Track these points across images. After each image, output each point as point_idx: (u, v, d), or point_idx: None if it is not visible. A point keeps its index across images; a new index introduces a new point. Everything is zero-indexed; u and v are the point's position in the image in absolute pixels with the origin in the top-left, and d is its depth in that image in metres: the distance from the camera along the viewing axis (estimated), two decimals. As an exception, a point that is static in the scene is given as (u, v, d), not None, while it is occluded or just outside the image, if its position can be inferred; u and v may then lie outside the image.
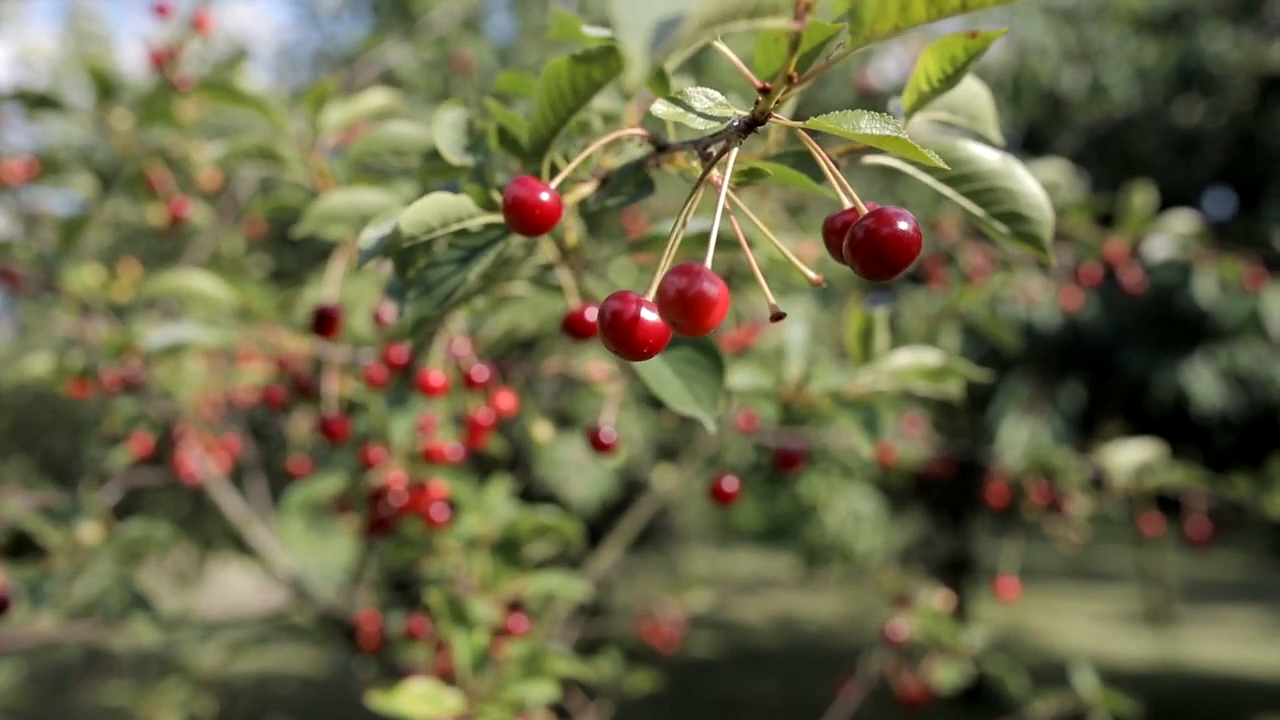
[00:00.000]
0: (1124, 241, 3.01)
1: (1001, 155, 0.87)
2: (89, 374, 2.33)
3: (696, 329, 0.63)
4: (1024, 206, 0.90)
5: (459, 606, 1.75)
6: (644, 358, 0.68)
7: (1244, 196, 8.87)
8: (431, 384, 1.60)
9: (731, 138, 0.71)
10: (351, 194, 1.24)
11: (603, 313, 0.68)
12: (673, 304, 0.63)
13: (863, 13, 0.60)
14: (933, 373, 1.42)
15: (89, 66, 2.19)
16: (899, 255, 0.64)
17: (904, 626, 2.95)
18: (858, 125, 0.67)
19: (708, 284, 0.62)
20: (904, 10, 0.59)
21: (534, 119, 0.92)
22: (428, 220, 0.89)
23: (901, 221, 0.64)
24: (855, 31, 0.61)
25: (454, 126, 1.06)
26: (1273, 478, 2.81)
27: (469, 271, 0.92)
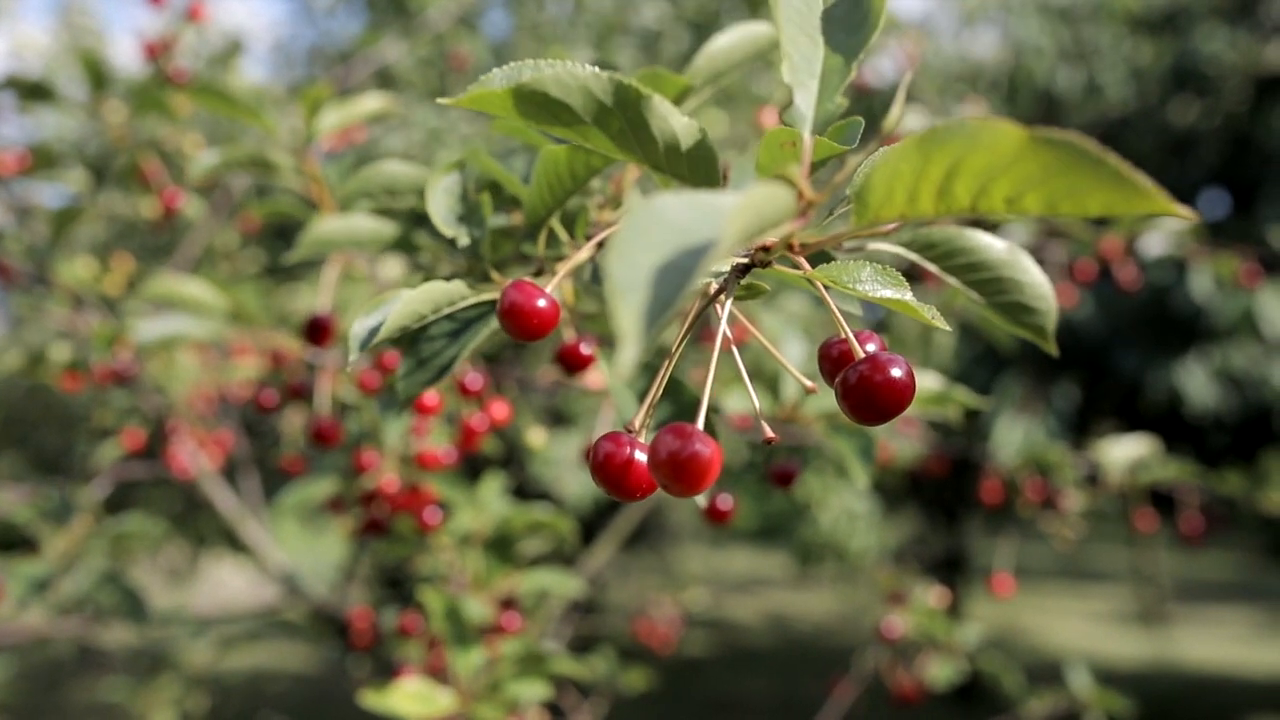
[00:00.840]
0: (1119, 238, 3.00)
1: (1008, 245, 0.87)
2: (80, 367, 2.31)
3: (687, 493, 0.61)
4: (1030, 298, 0.89)
5: (452, 604, 1.74)
6: (637, 500, 0.67)
7: (1239, 197, 8.88)
8: (425, 403, 1.60)
9: (728, 282, 0.70)
10: (346, 219, 1.24)
11: (596, 453, 0.66)
12: (664, 466, 0.61)
13: (869, 197, 0.59)
14: (932, 398, 1.42)
15: (82, 56, 2.18)
16: (890, 404, 0.64)
17: (899, 624, 2.94)
18: (859, 280, 0.68)
19: (700, 446, 0.60)
20: (911, 202, 0.58)
21: (531, 199, 0.92)
22: (420, 310, 0.88)
23: (894, 369, 0.63)
24: (860, 214, 0.61)
25: (448, 193, 1.06)
26: (1266, 473, 2.81)
27: (462, 347, 0.92)
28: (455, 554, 2.06)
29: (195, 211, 2.51)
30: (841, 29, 0.73)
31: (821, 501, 6.14)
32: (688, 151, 0.70)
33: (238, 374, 2.66)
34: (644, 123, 0.69)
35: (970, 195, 0.56)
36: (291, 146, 1.53)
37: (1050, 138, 0.50)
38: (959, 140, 0.53)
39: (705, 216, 0.49)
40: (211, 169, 1.51)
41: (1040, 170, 0.52)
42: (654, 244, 0.46)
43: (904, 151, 0.56)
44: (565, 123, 0.70)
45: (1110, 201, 0.51)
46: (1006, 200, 0.55)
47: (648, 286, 0.44)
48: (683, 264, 0.45)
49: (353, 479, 2.05)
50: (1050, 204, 0.53)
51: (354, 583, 3.73)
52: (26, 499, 2.06)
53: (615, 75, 0.67)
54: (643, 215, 0.47)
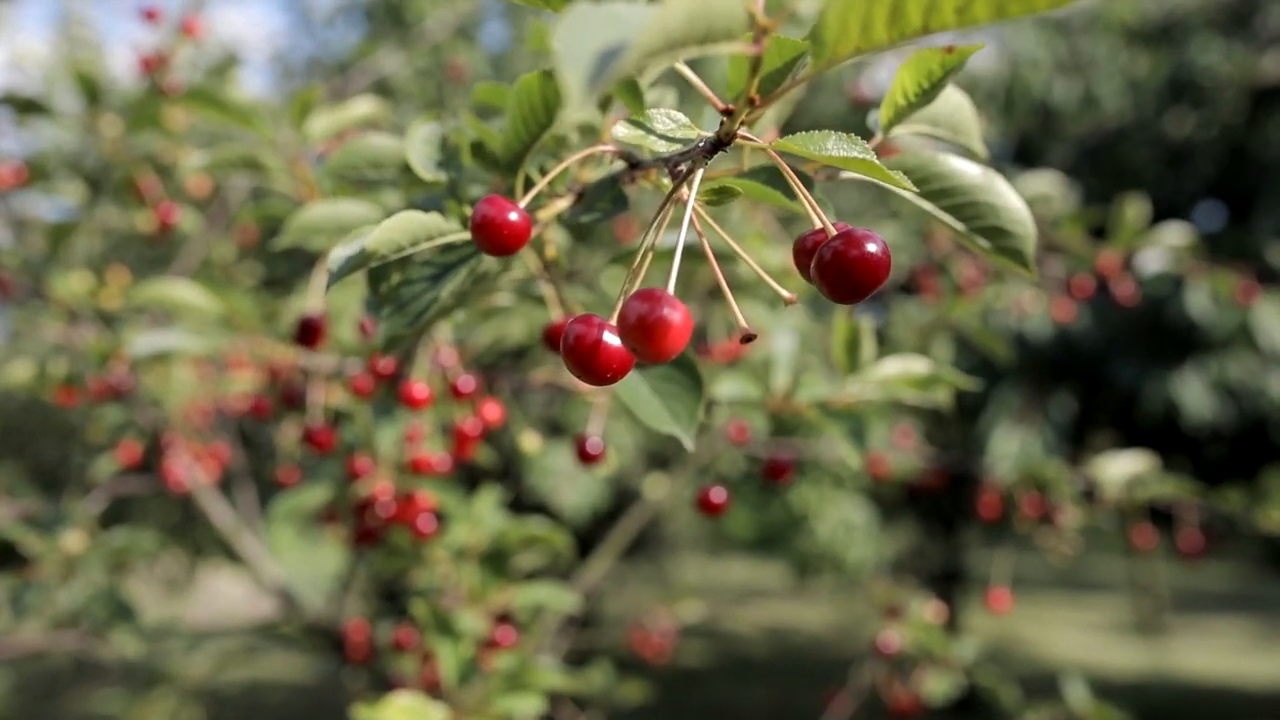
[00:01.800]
0: (1116, 254, 3.00)
1: (983, 169, 0.86)
2: (75, 381, 2.31)
3: (657, 356, 0.62)
4: (1006, 221, 0.89)
5: (445, 619, 1.74)
6: (608, 382, 0.67)
7: (1235, 209, 8.89)
8: (415, 396, 1.59)
9: (697, 158, 0.70)
10: (332, 206, 1.23)
11: (566, 336, 0.67)
12: (633, 330, 0.62)
13: (824, 34, 0.59)
14: (920, 381, 1.41)
15: (77, 71, 2.18)
16: (866, 278, 0.63)
17: (895, 638, 2.94)
18: (824, 146, 0.66)
19: (668, 309, 0.61)
20: (865, 32, 0.58)
21: (507, 134, 0.91)
22: (396, 239, 0.88)
23: (870, 244, 0.63)
24: (817, 54, 0.60)
25: (427, 142, 1.06)
26: (1266, 491, 2.81)
27: (441, 289, 0.91)
28: (451, 567, 2.06)
29: (191, 225, 2.51)
30: None
31: (819, 512, 6.14)
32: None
33: (233, 387, 2.66)
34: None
35: (921, 12, 0.55)
36: (284, 149, 1.53)
37: None
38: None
39: (651, 10, 0.49)
40: (203, 169, 1.51)
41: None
42: (600, 32, 0.47)
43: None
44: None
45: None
46: (956, 10, 0.54)
47: (591, 59, 0.45)
48: (624, 45, 0.46)
49: (346, 486, 2.04)
50: (998, 5, 0.53)
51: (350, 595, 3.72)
52: (22, 514, 2.06)
53: None
54: (591, 9, 0.48)
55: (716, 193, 0.78)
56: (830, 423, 1.33)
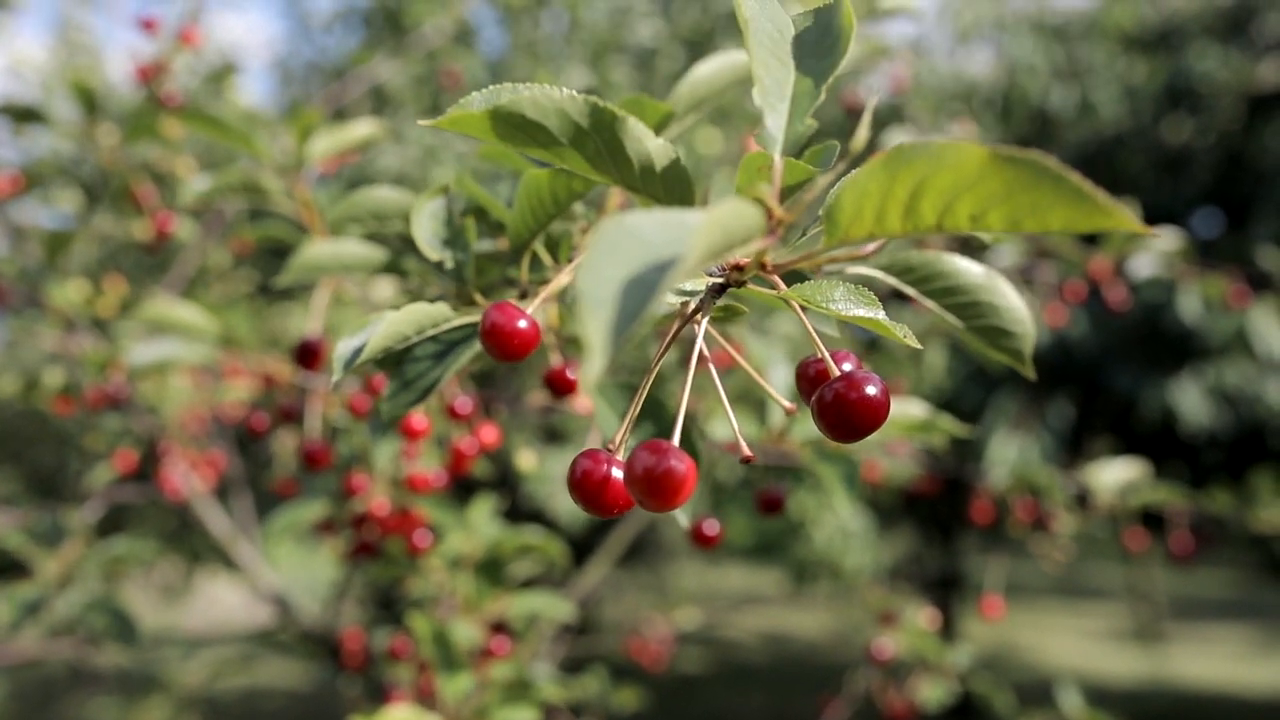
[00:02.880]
0: (1108, 259, 3.02)
1: (985, 269, 0.87)
2: (72, 390, 2.32)
3: (662, 508, 0.62)
4: (1007, 322, 0.90)
5: (440, 631, 1.75)
6: (612, 516, 0.68)
7: (1232, 215, 8.91)
8: (414, 427, 1.60)
9: (704, 301, 0.71)
10: (335, 245, 1.24)
11: (573, 471, 0.67)
12: (639, 483, 0.62)
13: (838, 217, 0.60)
14: (917, 426, 1.42)
15: (74, 82, 2.19)
16: (865, 421, 0.64)
17: (889, 645, 2.95)
18: (832, 298, 0.68)
19: (675, 462, 0.61)
20: (879, 221, 0.59)
21: (515, 222, 0.93)
22: (403, 331, 0.89)
23: (869, 387, 0.64)
24: (830, 233, 0.61)
25: (433, 217, 1.07)
26: (1254, 491, 2.82)
27: (446, 367, 0.92)
28: (446, 576, 2.07)
29: (188, 234, 2.52)
30: (811, 54, 0.74)
31: (816, 519, 6.14)
32: (662, 172, 0.71)
33: (230, 395, 2.66)
34: (619, 144, 0.70)
35: (936, 213, 0.56)
36: (283, 168, 1.54)
37: (1012, 156, 0.51)
38: (924, 160, 0.54)
39: (673, 233, 0.50)
40: (204, 194, 1.52)
41: (1003, 188, 0.52)
42: (622, 259, 0.47)
43: (871, 171, 0.56)
44: (542, 144, 0.70)
45: (1071, 218, 0.51)
46: (971, 218, 0.55)
47: (615, 300, 0.45)
48: (649, 279, 0.46)
49: (343, 501, 2.05)
50: (1013, 221, 0.54)
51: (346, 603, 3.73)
52: (18, 523, 2.06)
53: (591, 98, 0.68)
54: (613, 231, 0.48)
55: (724, 309, 0.80)
56: (823, 465, 1.34)
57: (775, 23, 0.75)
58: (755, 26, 0.73)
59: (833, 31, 0.74)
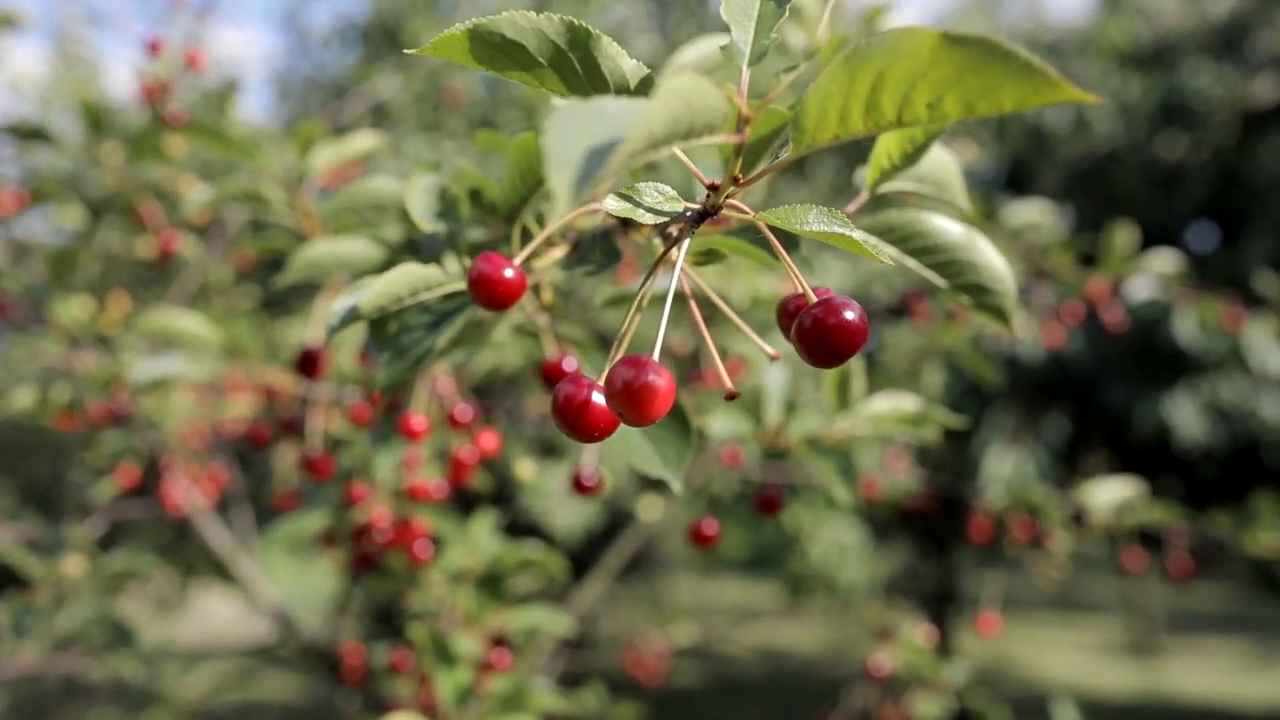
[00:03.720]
0: (1105, 281, 3.04)
1: (965, 228, 0.89)
2: (76, 406, 2.33)
3: (642, 420, 0.64)
4: (987, 279, 0.91)
5: (442, 642, 1.76)
6: (595, 440, 0.69)
7: (1227, 231, 8.95)
8: (414, 428, 1.62)
9: (684, 227, 0.73)
10: (334, 243, 1.26)
11: (555, 396, 0.69)
12: (619, 395, 0.64)
13: (804, 122, 0.62)
14: (910, 419, 1.44)
15: (81, 100, 2.21)
16: (843, 344, 0.66)
17: (886, 661, 2.96)
18: (806, 220, 0.69)
19: (653, 376, 0.63)
20: (843, 122, 0.61)
21: (504, 189, 0.95)
22: (396, 291, 0.90)
23: (847, 311, 0.65)
24: (797, 139, 0.63)
25: (427, 192, 1.09)
26: (1253, 514, 2.83)
27: (439, 336, 0.94)
28: (446, 590, 2.08)
29: (191, 252, 2.53)
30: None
31: (812, 533, 6.15)
32: (636, 89, 0.74)
33: (231, 410, 2.68)
34: (595, 63, 0.72)
35: (895, 106, 0.58)
36: (285, 181, 1.55)
37: (962, 36, 0.52)
38: (881, 53, 0.56)
39: (638, 109, 0.52)
40: (207, 204, 1.54)
41: (954, 71, 0.54)
42: (587, 130, 0.50)
43: (833, 73, 0.58)
44: (521, 64, 0.73)
45: (1022, 94, 0.52)
46: (928, 106, 0.57)
47: (580, 160, 0.48)
48: (610, 147, 0.49)
49: (344, 512, 2.06)
50: (967, 103, 0.55)
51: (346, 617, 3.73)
52: (23, 538, 2.08)
53: (567, 18, 0.70)
54: (579, 107, 0.51)
55: (704, 254, 0.81)
56: (820, 459, 1.36)
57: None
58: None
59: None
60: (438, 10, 6.40)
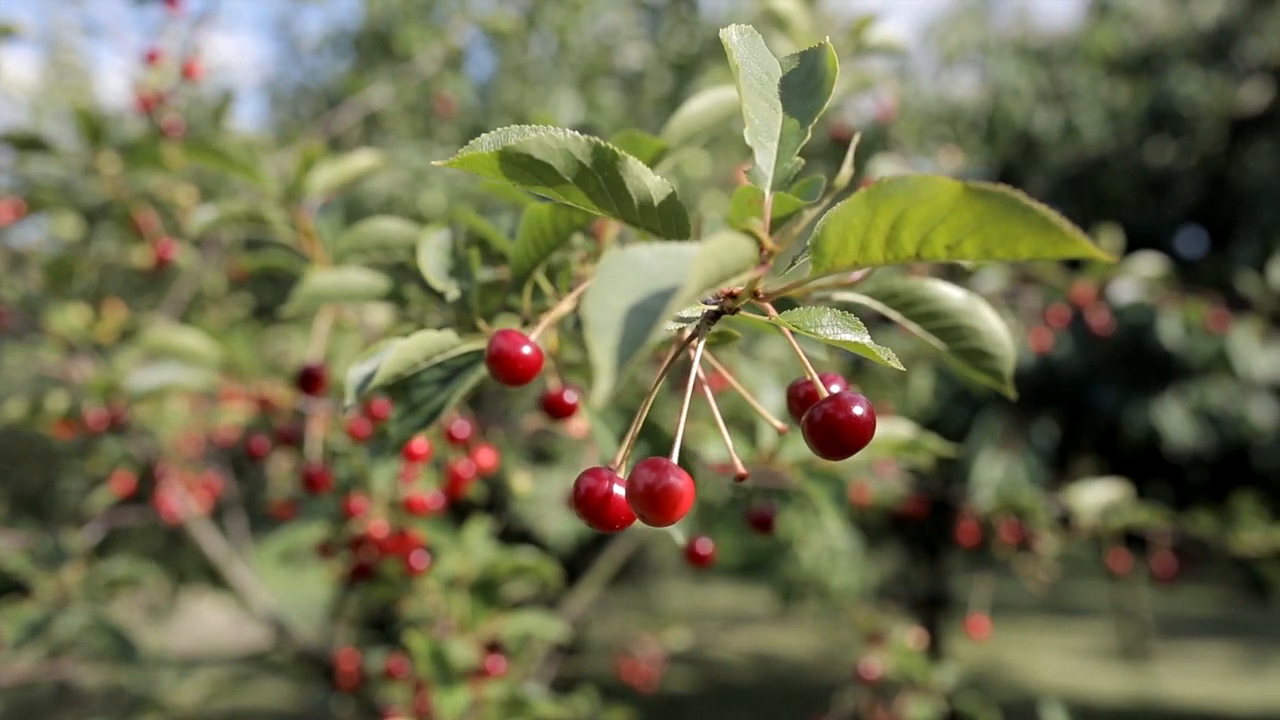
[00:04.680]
0: (1091, 284, 3.07)
1: (965, 294, 0.91)
2: (73, 415, 2.35)
3: (663, 522, 0.66)
4: (988, 344, 0.94)
5: (438, 649, 1.78)
6: (615, 531, 0.72)
7: (1215, 236, 8.99)
8: (415, 450, 1.64)
9: (700, 328, 0.75)
10: (339, 275, 1.28)
11: (577, 488, 0.71)
12: (640, 498, 0.66)
13: (824, 247, 0.64)
14: (904, 446, 1.47)
15: (78, 111, 2.23)
16: (852, 440, 0.68)
17: (876, 665, 2.98)
18: (820, 324, 0.72)
19: (674, 479, 0.65)
20: (863, 251, 0.63)
21: (517, 253, 0.97)
22: (412, 358, 0.93)
23: (856, 407, 0.68)
24: (817, 262, 0.66)
25: (439, 249, 1.11)
26: (1236, 514, 2.86)
27: (451, 393, 0.97)
28: (441, 597, 2.10)
29: (187, 261, 2.55)
30: (798, 95, 0.79)
31: (803, 539, 6.17)
32: (660, 207, 0.76)
33: (225, 418, 2.69)
34: (620, 182, 0.74)
35: (915, 243, 0.61)
36: (282, 195, 1.57)
37: (983, 190, 0.55)
38: (902, 194, 0.58)
39: (672, 264, 0.54)
40: (209, 225, 1.56)
41: (975, 219, 0.56)
42: (626, 289, 0.52)
43: (855, 205, 0.61)
44: (548, 182, 0.75)
45: (1038, 245, 0.55)
46: (947, 247, 0.60)
47: (620, 326, 0.50)
48: (652, 306, 0.51)
49: (342, 524, 2.08)
50: (985, 250, 0.58)
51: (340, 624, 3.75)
52: (22, 545, 2.09)
53: (594, 139, 0.72)
54: (616, 263, 0.53)
55: (718, 335, 0.83)
56: (812, 484, 1.38)
57: (764, 66, 0.80)
58: (745, 71, 0.78)
59: (817, 74, 0.79)
60: (430, 18, 6.42)
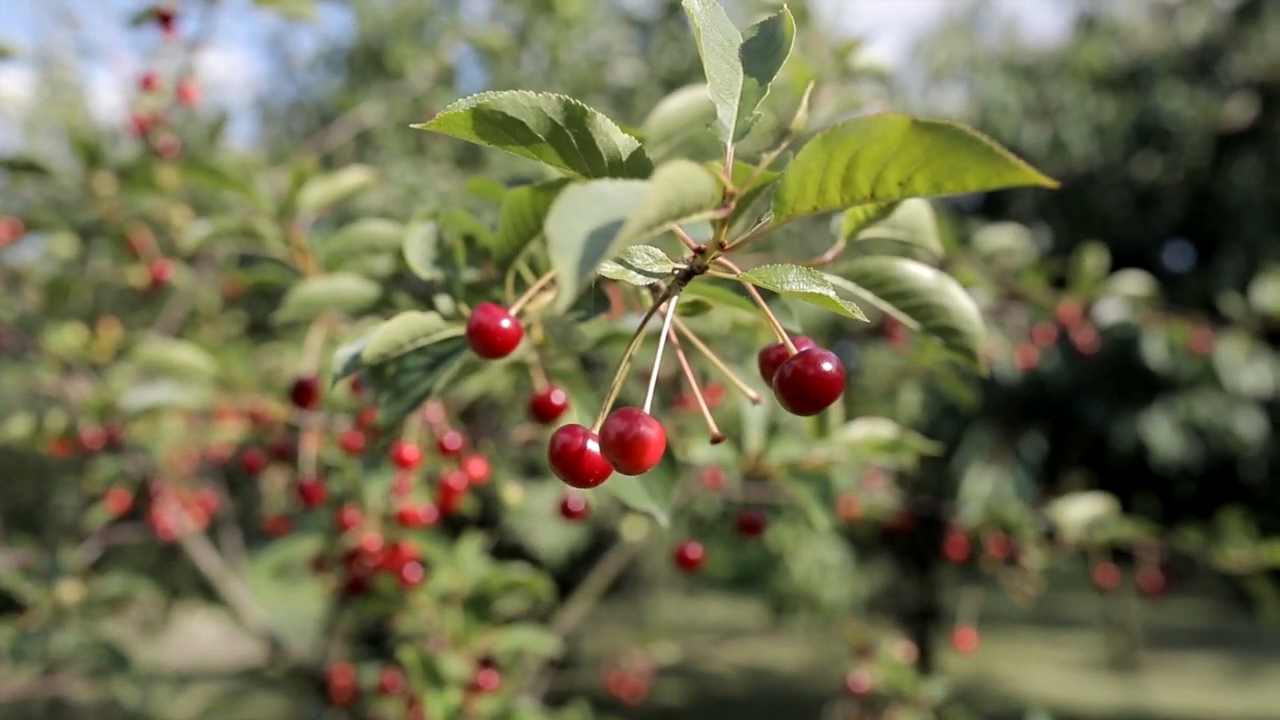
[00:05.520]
0: (1076, 303, 3.11)
1: (935, 273, 0.94)
2: (70, 433, 2.37)
3: (634, 470, 0.69)
4: (957, 321, 0.97)
5: (431, 664, 1.80)
6: (590, 485, 0.74)
7: (1201, 250, 9.06)
8: (406, 457, 1.67)
9: (672, 284, 0.78)
10: (329, 281, 1.31)
11: (552, 444, 0.74)
12: (613, 446, 0.69)
13: (784, 194, 0.67)
14: (887, 446, 1.50)
15: (75, 136, 2.25)
16: (822, 394, 0.71)
17: (865, 678, 3.01)
18: (786, 280, 0.74)
19: (645, 428, 0.68)
20: (820, 195, 0.66)
21: (499, 239, 1.00)
22: (397, 339, 0.96)
23: (825, 363, 0.70)
24: (778, 209, 0.69)
25: (424, 240, 1.14)
26: (1223, 530, 2.89)
27: (436, 377, 1.00)
28: (434, 613, 2.12)
29: (183, 280, 2.58)
30: (757, 58, 0.83)
31: (794, 552, 6.19)
32: (628, 163, 0.80)
33: (220, 435, 2.71)
34: (590, 138, 0.78)
35: (869, 182, 0.64)
36: (275, 211, 1.60)
37: (930, 123, 0.58)
38: (856, 134, 0.61)
39: (633, 193, 0.58)
40: (203, 240, 1.59)
41: (923, 153, 0.59)
42: (588, 214, 0.55)
43: (812, 150, 0.64)
44: (521, 140, 0.78)
45: (984, 175, 0.58)
46: (899, 184, 0.63)
47: (581, 246, 0.53)
48: (610, 231, 0.54)
49: (335, 537, 2.10)
50: (935, 183, 0.61)
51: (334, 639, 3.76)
52: (18, 563, 2.11)
53: (565, 97, 0.76)
54: (580, 194, 0.56)
55: (691, 305, 0.86)
56: (799, 485, 1.41)
57: (724, 33, 0.84)
58: (707, 35, 0.82)
59: (775, 38, 0.83)
60: (421, 35, 6.46)
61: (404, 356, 1.01)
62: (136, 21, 2.22)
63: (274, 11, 2.22)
